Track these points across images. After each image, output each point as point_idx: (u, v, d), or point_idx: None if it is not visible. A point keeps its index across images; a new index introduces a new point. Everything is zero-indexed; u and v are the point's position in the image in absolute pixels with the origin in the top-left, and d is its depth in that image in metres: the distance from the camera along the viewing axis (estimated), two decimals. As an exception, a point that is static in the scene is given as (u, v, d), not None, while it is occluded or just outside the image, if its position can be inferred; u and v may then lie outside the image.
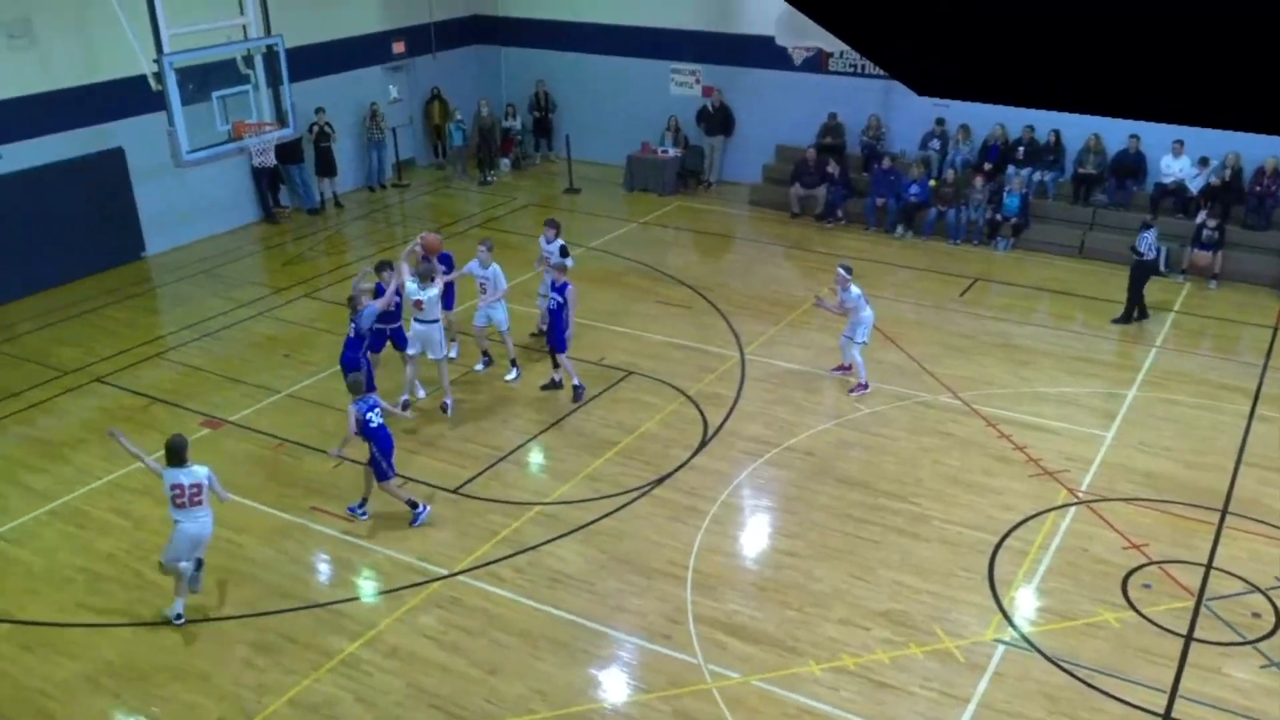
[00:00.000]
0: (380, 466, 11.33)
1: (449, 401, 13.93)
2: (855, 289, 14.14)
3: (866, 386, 14.29)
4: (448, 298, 14.57)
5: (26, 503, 12.31)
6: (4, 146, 17.35)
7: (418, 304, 13.39)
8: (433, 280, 13.56)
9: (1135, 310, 16.55)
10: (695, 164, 23.65)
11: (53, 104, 17.86)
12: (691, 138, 23.68)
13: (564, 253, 15.09)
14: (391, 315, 13.68)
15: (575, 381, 14.18)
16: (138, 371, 15.40)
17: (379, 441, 11.27)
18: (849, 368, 14.55)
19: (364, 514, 11.75)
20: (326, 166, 22.33)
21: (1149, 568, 10.80)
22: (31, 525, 11.89)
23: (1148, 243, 16.42)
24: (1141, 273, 16.46)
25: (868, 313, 14.22)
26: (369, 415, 11.22)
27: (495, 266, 14.43)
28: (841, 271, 14.20)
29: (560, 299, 13.88)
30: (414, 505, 11.64)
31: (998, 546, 11.17)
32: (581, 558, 11.04)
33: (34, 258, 18.05)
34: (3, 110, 17.27)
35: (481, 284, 14.50)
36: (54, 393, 14.83)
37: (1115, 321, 16.52)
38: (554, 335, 14.03)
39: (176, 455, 9.99)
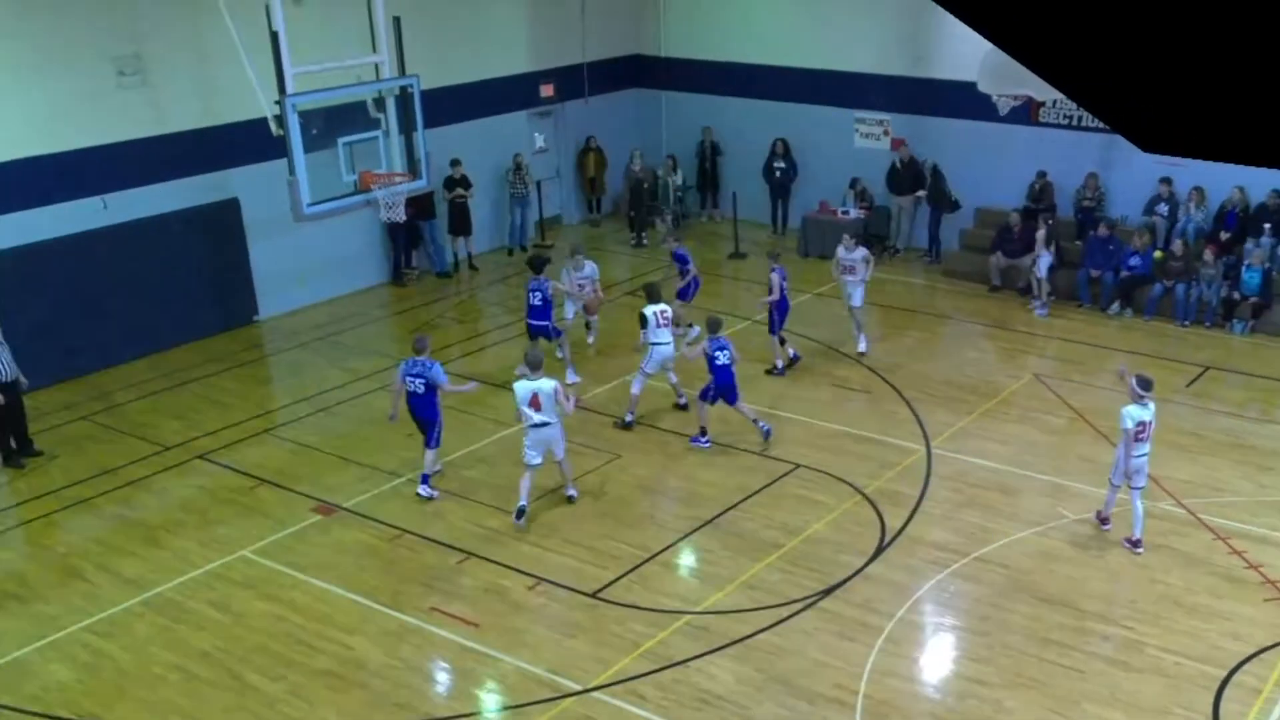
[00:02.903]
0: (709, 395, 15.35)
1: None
2: (1129, 410, 12.71)
3: (1105, 523, 13.35)
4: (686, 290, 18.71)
5: (118, 592, 12.78)
6: (109, 195, 18.10)
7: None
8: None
9: None
10: (880, 227, 23.72)
11: (163, 149, 18.53)
12: (878, 197, 23.80)
13: None
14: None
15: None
16: (244, 449, 16.05)
17: (717, 376, 15.10)
18: (1136, 542, 13.10)
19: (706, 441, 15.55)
20: (461, 224, 22.98)
21: None
22: (122, 617, 12.34)
23: None
24: None
25: (1134, 453, 12.68)
26: (716, 354, 15.00)
27: (864, 250, 18.21)
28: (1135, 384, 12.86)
29: None
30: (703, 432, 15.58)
31: (1225, 682, 10.84)
32: (735, 677, 11.06)
33: (136, 319, 18.70)
34: (108, 155, 18.00)
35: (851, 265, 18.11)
36: (152, 470, 15.48)
37: None
38: None
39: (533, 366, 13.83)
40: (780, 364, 17.82)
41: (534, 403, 13.42)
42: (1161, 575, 12.57)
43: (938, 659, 11.59)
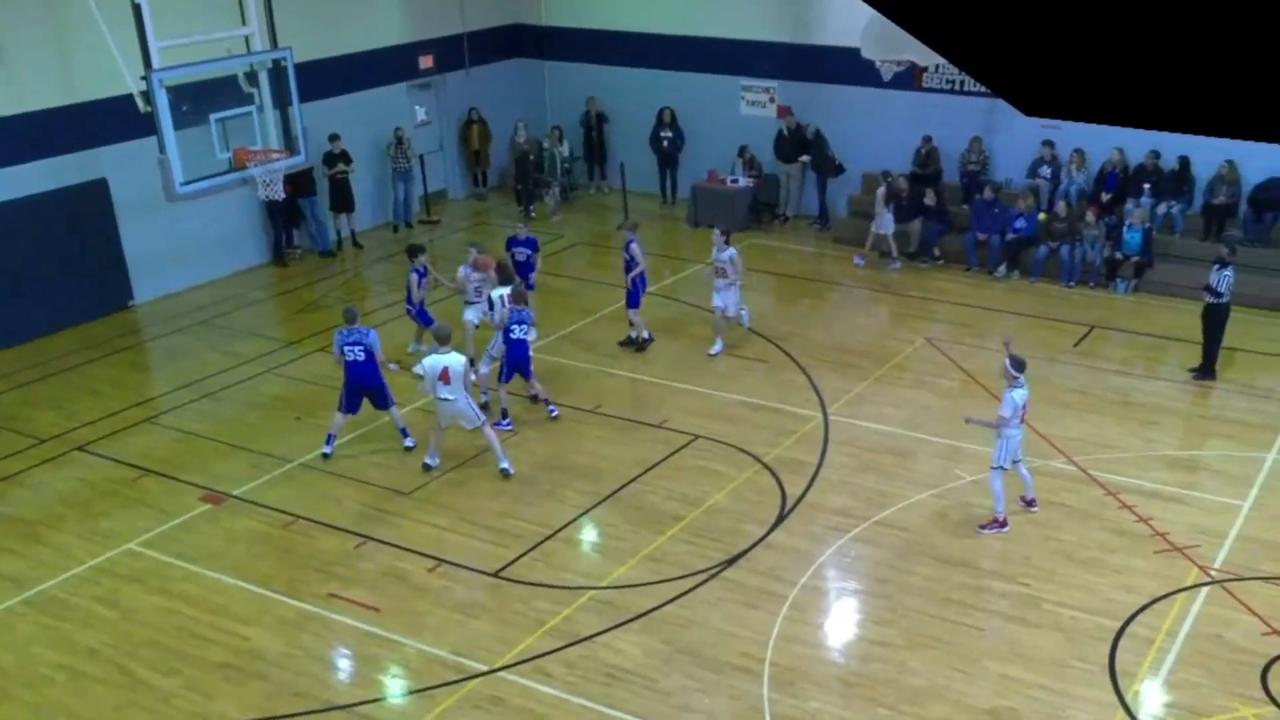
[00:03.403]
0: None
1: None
2: (1015, 395, 12.68)
3: (1004, 525, 13.04)
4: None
5: (-4, 590, 12.58)
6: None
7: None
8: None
9: (1215, 363, 16.57)
10: (770, 195, 24.02)
11: (22, 128, 18.13)
12: (766, 165, 24.07)
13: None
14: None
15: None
16: (125, 438, 15.81)
17: (511, 349, 15.06)
18: (1031, 501, 13.43)
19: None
20: (342, 201, 22.79)
21: (1298, 659, 10.86)
22: (3, 617, 12.13)
23: (1228, 283, 16.09)
24: (1216, 317, 16.44)
25: (1014, 432, 12.78)
26: (513, 326, 14.94)
27: (733, 250, 17.33)
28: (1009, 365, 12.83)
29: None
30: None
31: (1119, 633, 11.30)
32: (641, 650, 11.24)
33: (3, 307, 18.33)
34: (-37, 136, 17.57)
35: (721, 268, 17.30)
36: (28, 464, 15.18)
37: (1196, 376, 16.64)
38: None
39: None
40: (645, 334, 17.96)
41: (444, 376, 13.76)
42: (1055, 532, 13.01)
43: (842, 623, 11.89)
